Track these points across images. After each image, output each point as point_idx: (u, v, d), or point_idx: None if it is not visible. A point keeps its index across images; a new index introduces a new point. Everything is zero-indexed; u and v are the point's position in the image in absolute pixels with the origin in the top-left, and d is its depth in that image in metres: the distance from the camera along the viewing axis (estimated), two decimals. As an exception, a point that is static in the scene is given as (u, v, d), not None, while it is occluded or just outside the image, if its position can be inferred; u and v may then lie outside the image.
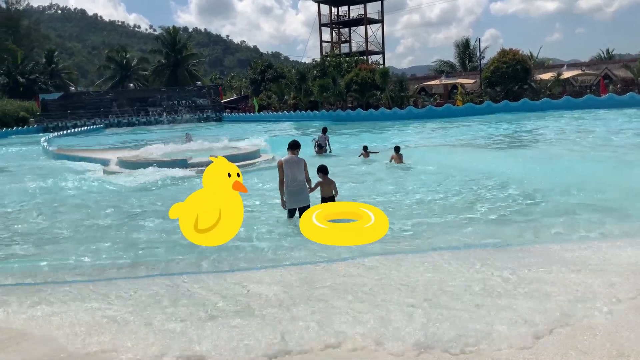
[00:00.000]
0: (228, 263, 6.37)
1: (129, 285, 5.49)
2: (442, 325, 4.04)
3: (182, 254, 6.80)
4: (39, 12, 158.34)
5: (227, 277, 5.59)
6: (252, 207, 9.45)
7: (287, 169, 7.95)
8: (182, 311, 4.61)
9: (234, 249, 6.81)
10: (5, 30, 72.62)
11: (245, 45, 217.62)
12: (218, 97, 58.37)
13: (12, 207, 11.17)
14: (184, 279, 5.67)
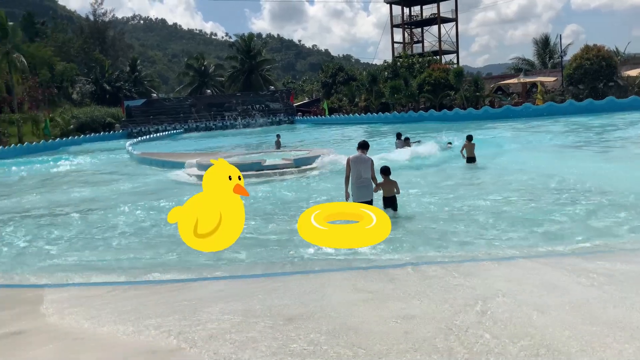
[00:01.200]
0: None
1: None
2: None
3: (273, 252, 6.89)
4: (123, 23, 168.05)
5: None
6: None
7: (353, 166, 8.55)
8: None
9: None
10: (93, 41, 77.51)
11: (316, 49, 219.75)
12: (290, 101, 59.28)
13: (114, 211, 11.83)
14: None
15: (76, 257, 7.84)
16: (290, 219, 9.45)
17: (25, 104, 50.77)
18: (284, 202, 11.22)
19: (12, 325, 4.84)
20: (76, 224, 10.48)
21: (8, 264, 7.77)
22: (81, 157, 27.25)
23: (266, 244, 7.88)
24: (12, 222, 11.14)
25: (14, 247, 8.91)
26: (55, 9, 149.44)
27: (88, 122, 50.68)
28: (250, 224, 9.12)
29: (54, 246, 8.74)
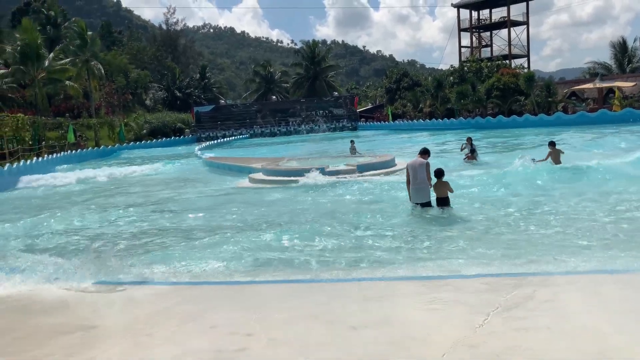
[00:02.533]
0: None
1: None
2: None
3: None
4: (193, 32, 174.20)
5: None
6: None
7: (410, 169, 9.50)
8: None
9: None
10: (166, 49, 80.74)
11: (381, 54, 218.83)
12: (354, 107, 59.28)
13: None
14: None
15: (150, 256, 8.12)
16: (351, 224, 9.39)
17: (102, 109, 53.57)
18: (344, 207, 11.17)
19: (89, 321, 5.04)
20: (148, 224, 10.88)
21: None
22: (153, 162, 28.36)
23: (329, 248, 7.84)
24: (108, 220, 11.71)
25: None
26: (131, 18, 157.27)
27: (160, 127, 52.79)
28: (315, 226, 9.13)
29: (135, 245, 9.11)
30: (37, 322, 5.03)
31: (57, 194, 17.39)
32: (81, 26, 49.69)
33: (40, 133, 34.87)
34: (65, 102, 51.87)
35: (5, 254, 8.11)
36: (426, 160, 9.49)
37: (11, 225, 11.21)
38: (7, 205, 15.56)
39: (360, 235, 8.57)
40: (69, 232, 10.38)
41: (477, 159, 18.16)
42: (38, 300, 5.64)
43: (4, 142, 28.44)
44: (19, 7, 64.65)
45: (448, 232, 8.48)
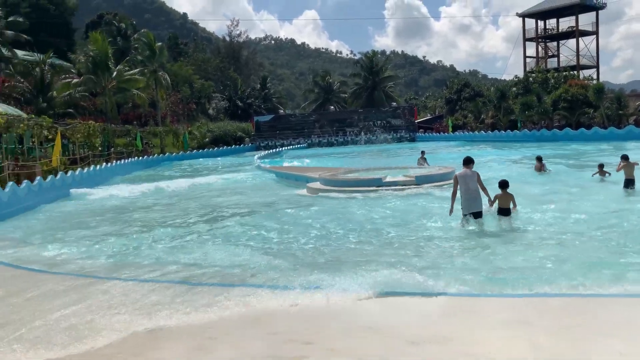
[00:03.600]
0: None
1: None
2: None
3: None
4: (255, 43, 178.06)
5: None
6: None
7: (461, 181, 9.46)
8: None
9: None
10: (229, 60, 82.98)
11: (441, 64, 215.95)
12: (412, 117, 58.66)
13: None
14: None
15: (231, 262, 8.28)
16: (407, 236, 9.23)
17: (168, 118, 55.56)
18: (399, 218, 11.01)
19: (159, 320, 5.18)
20: (209, 230, 11.13)
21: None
22: (217, 172, 29.08)
23: (384, 259, 7.73)
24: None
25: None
26: (197, 31, 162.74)
27: (221, 135, 54.20)
28: (371, 240, 9.04)
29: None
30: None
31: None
32: (150, 38, 51.82)
33: (110, 140, 36.52)
34: (134, 110, 54.20)
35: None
36: (476, 171, 9.61)
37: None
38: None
39: (417, 247, 8.41)
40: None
41: (546, 170, 17.77)
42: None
43: (76, 147, 29.98)
44: (93, 19, 68.33)
45: (514, 246, 8.18)
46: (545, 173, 17.51)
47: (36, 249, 10.10)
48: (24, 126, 21.90)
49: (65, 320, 5.32)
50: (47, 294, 6.44)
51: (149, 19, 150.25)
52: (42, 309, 5.78)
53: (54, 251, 9.71)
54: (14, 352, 4.59)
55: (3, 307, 6.07)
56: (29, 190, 16.00)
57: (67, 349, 4.56)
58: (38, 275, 7.65)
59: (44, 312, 5.67)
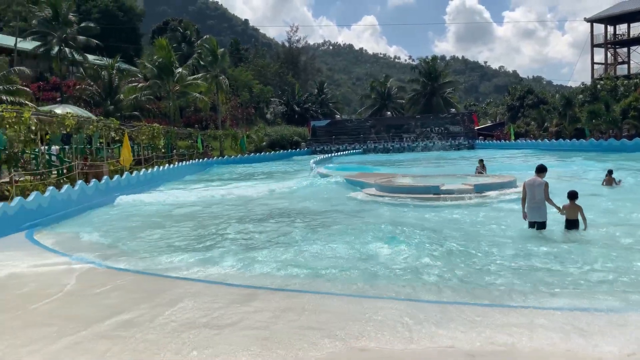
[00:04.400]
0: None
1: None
2: None
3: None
4: (314, 49, 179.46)
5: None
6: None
7: (528, 189, 9.57)
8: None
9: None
10: (287, 65, 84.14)
11: (503, 70, 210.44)
12: (472, 124, 57.38)
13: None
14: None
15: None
16: (463, 246, 9.00)
17: (227, 122, 56.95)
18: (457, 227, 10.76)
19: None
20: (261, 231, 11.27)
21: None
22: (274, 178, 29.45)
23: (443, 269, 7.57)
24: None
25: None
26: (257, 36, 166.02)
27: (278, 139, 54.97)
28: (433, 253, 8.89)
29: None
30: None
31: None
32: (213, 44, 53.32)
33: (172, 142, 37.77)
34: (195, 114, 55.89)
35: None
36: (545, 180, 9.51)
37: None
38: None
39: (475, 258, 8.19)
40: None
41: (618, 183, 16.84)
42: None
43: (140, 148, 31.19)
44: (159, 25, 71.01)
45: (580, 259, 7.82)
46: (616, 187, 16.63)
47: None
48: (94, 127, 22.98)
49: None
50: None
51: (212, 25, 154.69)
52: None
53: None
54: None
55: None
56: (96, 189, 16.77)
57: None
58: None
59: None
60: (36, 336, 5.12)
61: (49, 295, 6.64)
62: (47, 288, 6.99)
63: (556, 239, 9.20)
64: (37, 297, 6.57)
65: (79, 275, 7.71)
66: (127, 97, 43.56)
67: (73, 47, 44.51)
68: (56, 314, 5.91)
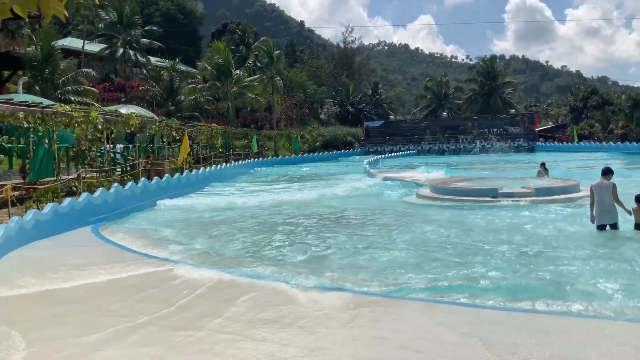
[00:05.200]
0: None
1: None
2: None
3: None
4: (369, 49, 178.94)
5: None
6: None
7: (595, 192, 9.50)
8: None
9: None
10: (342, 66, 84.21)
11: (566, 70, 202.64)
12: (532, 126, 55.56)
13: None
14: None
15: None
16: (523, 251, 8.73)
17: (282, 122, 57.66)
18: (518, 232, 10.44)
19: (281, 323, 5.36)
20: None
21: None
22: (326, 178, 29.56)
23: (500, 273, 7.38)
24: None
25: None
26: (312, 37, 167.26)
27: (331, 140, 55.14)
28: (486, 250, 8.69)
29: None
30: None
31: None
32: (269, 45, 54.14)
33: (229, 141, 38.61)
34: (251, 114, 56.89)
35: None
36: (612, 182, 9.48)
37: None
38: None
39: (536, 263, 7.93)
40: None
41: None
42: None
43: (199, 148, 32.07)
44: (218, 28, 72.78)
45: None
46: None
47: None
48: (156, 127, 23.81)
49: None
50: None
51: (269, 27, 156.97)
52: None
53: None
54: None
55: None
56: (158, 186, 17.39)
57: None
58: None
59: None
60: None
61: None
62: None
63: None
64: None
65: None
66: (187, 97, 44.92)
67: (136, 49, 46.26)
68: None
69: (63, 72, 33.16)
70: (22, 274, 7.63)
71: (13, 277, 7.50)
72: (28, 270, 7.92)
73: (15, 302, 6.36)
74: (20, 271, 7.85)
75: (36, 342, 4.90)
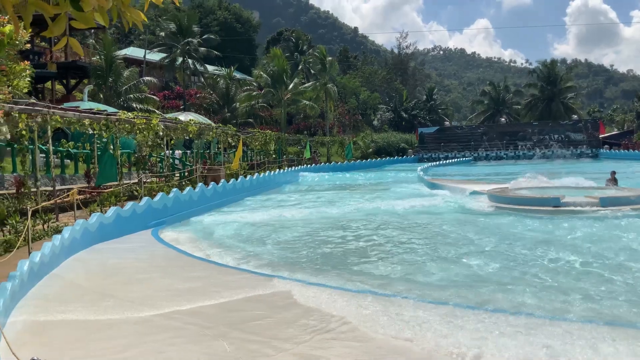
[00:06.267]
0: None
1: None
2: None
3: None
4: (423, 54, 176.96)
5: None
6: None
7: None
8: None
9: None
10: (396, 71, 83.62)
11: (632, 74, 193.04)
12: (596, 132, 53.18)
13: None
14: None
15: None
16: (592, 263, 8.30)
17: (335, 128, 57.77)
18: (585, 243, 9.95)
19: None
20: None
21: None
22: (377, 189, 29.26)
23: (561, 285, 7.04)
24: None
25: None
26: (366, 44, 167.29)
27: (384, 146, 54.72)
28: (552, 260, 8.32)
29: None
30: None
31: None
32: (322, 52, 54.46)
33: (283, 148, 39.02)
34: (304, 120, 57.33)
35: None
36: None
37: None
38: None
39: (600, 276, 7.52)
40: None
41: None
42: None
43: (253, 154, 32.60)
44: (273, 36, 73.95)
45: None
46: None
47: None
48: (213, 134, 24.38)
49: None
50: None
51: (323, 33, 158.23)
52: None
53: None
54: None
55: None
56: (214, 192, 17.74)
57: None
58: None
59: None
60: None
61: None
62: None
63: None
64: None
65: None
66: (242, 104, 45.77)
67: (195, 58, 47.62)
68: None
69: (126, 80, 34.50)
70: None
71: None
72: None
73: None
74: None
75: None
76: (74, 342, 5.17)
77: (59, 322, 5.78)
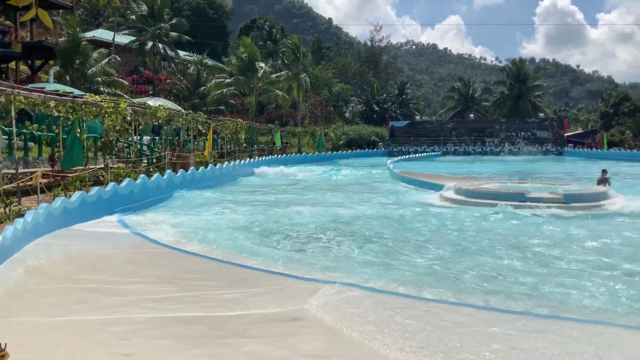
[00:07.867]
0: None
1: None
2: None
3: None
4: (396, 48, 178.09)
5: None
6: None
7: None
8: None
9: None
10: (368, 64, 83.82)
11: (597, 75, 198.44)
12: (561, 131, 54.53)
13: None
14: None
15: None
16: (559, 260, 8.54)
17: (306, 119, 57.65)
18: (550, 239, 10.23)
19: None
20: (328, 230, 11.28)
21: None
22: (349, 170, 29.44)
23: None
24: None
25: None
26: (340, 35, 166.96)
27: (355, 139, 54.89)
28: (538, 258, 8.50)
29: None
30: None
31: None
32: (295, 42, 54.16)
33: (254, 137, 38.74)
34: (276, 110, 57.02)
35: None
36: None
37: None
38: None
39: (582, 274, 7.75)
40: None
41: None
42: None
43: (224, 142, 32.29)
44: (246, 23, 73.13)
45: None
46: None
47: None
48: (183, 120, 24.02)
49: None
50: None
51: (297, 23, 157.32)
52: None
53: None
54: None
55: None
56: (183, 179, 17.52)
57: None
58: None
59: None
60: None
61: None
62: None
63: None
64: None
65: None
66: (213, 92, 45.18)
67: (165, 42, 46.68)
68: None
69: (94, 62, 33.50)
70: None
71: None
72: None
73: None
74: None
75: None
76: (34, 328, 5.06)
77: (19, 307, 5.63)
